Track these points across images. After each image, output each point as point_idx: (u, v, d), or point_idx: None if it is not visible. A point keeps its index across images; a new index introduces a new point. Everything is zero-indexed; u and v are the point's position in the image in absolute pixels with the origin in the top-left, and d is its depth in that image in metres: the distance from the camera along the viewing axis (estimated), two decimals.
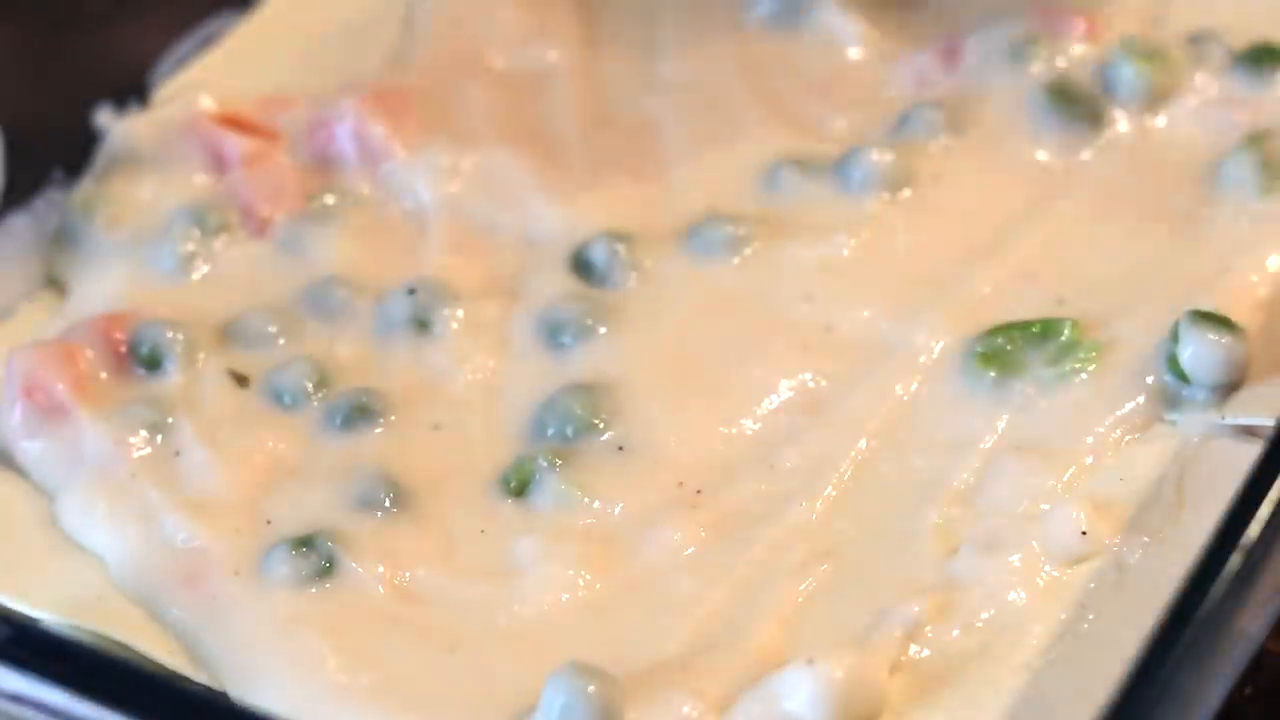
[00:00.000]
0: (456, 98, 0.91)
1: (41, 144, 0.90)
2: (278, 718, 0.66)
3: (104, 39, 0.93)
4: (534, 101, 0.91)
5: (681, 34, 0.94)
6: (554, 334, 0.80)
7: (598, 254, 0.83)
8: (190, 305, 0.84)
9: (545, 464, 0.75)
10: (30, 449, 0.79)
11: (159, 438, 0.79)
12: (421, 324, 0.81)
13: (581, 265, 0.83)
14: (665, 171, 0.88)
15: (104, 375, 0.81)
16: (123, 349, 0.82)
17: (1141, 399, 0.76)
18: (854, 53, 0.92)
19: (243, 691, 0.70)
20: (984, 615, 0.69)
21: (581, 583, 0.72)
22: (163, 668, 0.71)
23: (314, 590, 0.73)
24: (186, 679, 0.71)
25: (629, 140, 0.89)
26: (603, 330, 0.80)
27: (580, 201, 0.86)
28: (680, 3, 0.95)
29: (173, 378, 0.81)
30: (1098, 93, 0.87)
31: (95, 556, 0.76)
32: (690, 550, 0.73)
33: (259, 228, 0.87)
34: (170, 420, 0.79)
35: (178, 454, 0.78)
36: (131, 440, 0.78)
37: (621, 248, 0.83)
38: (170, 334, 0.81)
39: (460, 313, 0.82)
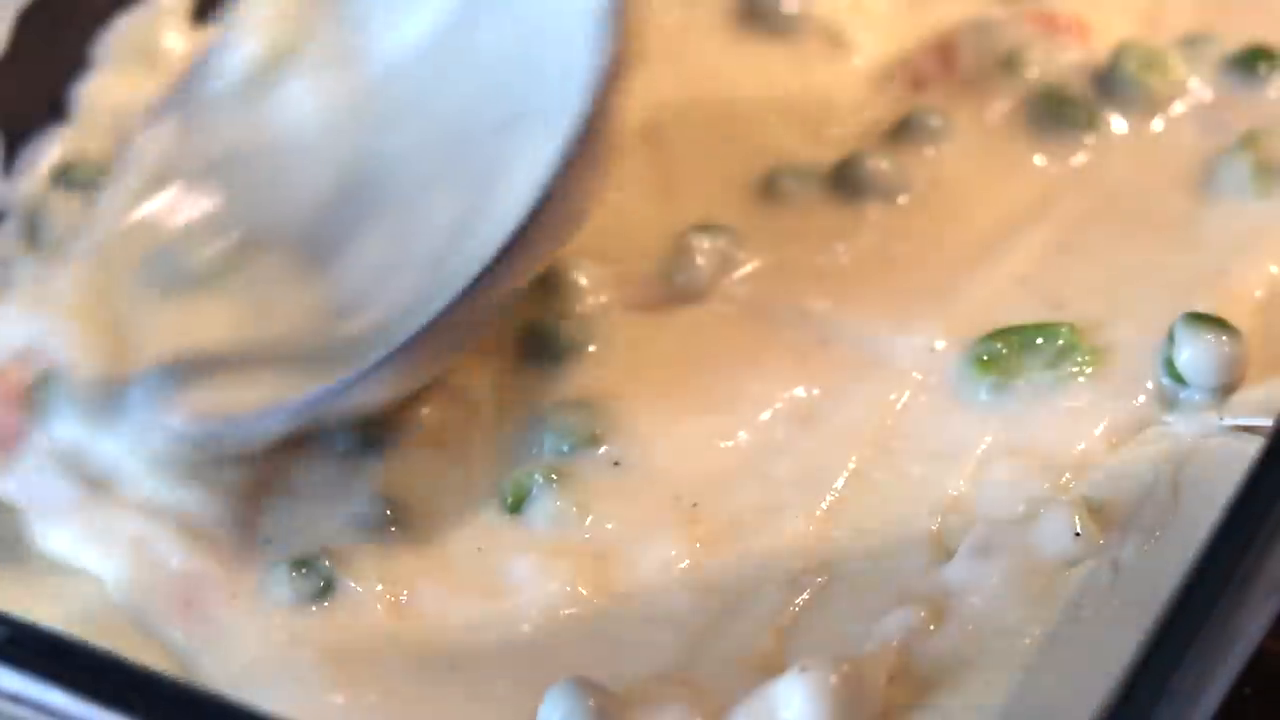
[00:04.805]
0: None
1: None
2: (279, 718, 0.66)
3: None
4: None
5: (675, 42, 0.94)
6: (549, 349, 0.80)
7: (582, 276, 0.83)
8: None
9: (541, 480, 0.75)
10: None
11: None
12: None
13: (571, 284, 0.83)
14: (661, 179, 0.88)
15: None
16: None
17: (1139, 401, 0.75)
18: (851, 58, 0.92)
19: None
20: (980, 620, 0.69)
21: (579, 598, 0.73)
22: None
23: (313, 610, 0.73)
24: (187, 680, 0.71)
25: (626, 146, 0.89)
26: (597, 345, 0.80)
27: None
28: (673, 7, 0.95)
29: None
30: (1093, 96, 0.87)
31: (91, 576, 0.76)
32: (686, 563, 0.73)
33: None
34: None
35: None
36: None
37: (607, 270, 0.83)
38: None
39: None
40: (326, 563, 0.74)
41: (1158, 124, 0.87)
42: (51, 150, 0.91)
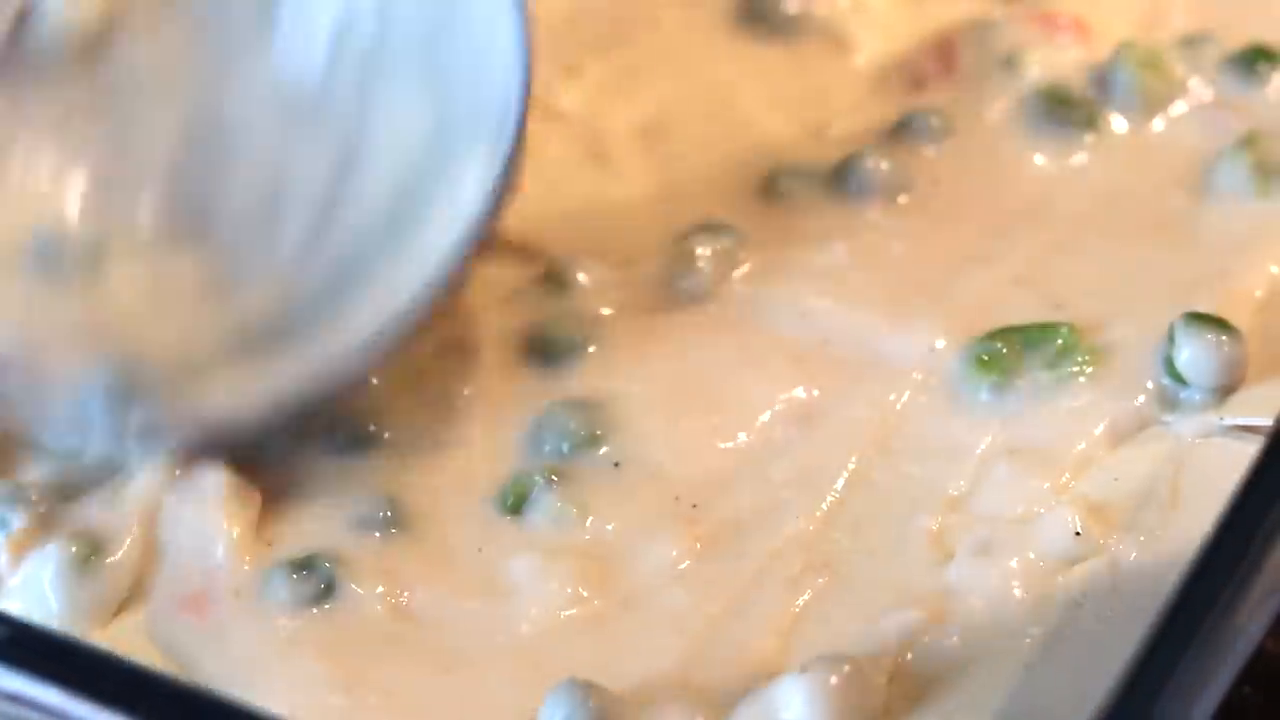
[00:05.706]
0: None
1: None
2: (279, 718, 0.66)
3: None
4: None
5: (675, 41, 0.94)
6: (549, 350, 0.80)
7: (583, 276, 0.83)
8: None
9: (541, 481, 0.75)
10: None
11: None
12: None
13: (571, 285, 0.83)
14: (661, 179, 0.88)
15: None
16: None
17: (1139, 401, 0.75)
18: (851, 58, 0.93)
19: None
20: (981, 619, 0.69)
21: (579, 599, 0.73)
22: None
23: (314, 611, 0.73)
24: (187, 680, 0.71)
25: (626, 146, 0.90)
26: (597, 346, 0.80)
27: None
28: (671, 8, 0.95)
29: None
30: (1093, 96, 0.87)
31: None
32: (686, 564, 0.73)
33: None
34: None
35: (176, 474, 0.78)
36: None
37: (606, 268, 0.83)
38: None
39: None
40: (327, 564, 0.74)
41: (1158, 124, 0.87)
42: None
